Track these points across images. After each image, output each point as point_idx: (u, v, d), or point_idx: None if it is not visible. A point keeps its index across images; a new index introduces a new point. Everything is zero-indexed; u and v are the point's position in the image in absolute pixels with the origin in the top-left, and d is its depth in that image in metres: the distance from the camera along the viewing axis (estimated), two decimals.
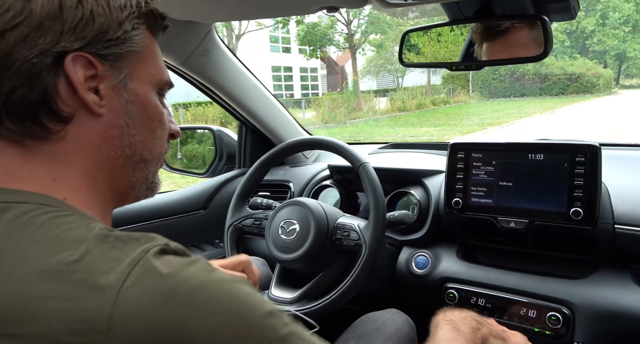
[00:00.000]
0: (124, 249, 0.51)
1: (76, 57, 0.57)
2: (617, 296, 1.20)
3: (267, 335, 0.52)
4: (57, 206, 0.56)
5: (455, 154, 1.40)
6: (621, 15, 34.65)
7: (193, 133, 2.20)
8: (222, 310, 0.50)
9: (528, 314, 1.28)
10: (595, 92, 28.50)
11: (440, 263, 1.46)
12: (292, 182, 1.79)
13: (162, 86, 0.71)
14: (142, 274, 0.49)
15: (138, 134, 0.66)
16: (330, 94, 26.05)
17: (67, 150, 0.60)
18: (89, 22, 0.58)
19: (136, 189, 0.70)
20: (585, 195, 1.21)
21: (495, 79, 30.54)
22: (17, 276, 0.48)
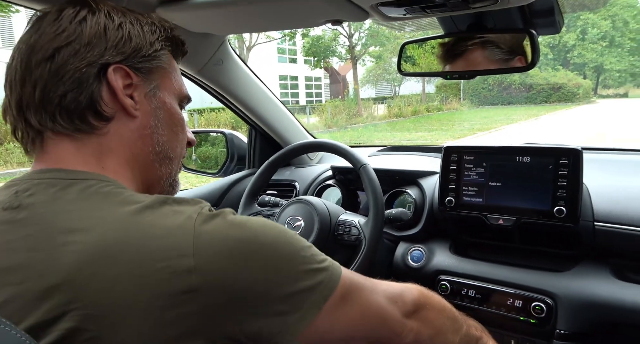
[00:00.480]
0: (183, 205, 0.60)
1: (116, 69, 0.66)
2: (596, 288, 1.20)
3: (302, 245, 0.65)
4: (115, 184, 0.64)
5: (449, 157, 1.40)
6: (599, 31, 34.97)
7: (206, 136, 2.20)
8: (273, 233, 0.62)
9: (514, 304, 1.28)
10: (576, 101, 28.64)
11: (434, 257, 1.46)
12: (297, 181, 1.79)
13: (182, 99, 0.79)
14: (208, 217, 0.59)
15: (165, 134, 0.73)
16: (333, 101, 26.12)
17: (110, 144, 0.68)
18: (127, 41, 0.67)
19: (161, 184, 0.76)
20: (568, 195, 1.21)
21: (484, 88, 30.59)
22: (105, 223, 0.55)
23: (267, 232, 0.61)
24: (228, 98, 1.58)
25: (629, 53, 36.26)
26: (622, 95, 36.30)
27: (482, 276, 1.35)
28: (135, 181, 0.71)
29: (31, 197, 0.59)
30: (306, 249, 0.64)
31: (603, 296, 1.18)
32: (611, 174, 1.42)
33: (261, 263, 0.58)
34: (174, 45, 0.77)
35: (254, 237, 0.59)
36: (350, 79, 33.03)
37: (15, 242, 0.56)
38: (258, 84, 1.63)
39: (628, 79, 38.13)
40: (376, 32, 25.80)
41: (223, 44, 1.41)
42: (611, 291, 1.18)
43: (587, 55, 35.55)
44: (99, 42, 0.65)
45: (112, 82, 0.66)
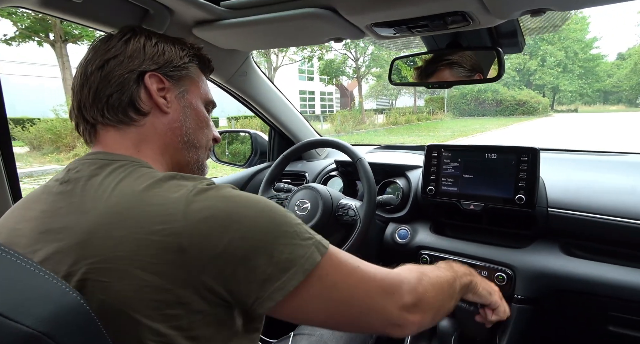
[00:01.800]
0: (188, 181, 0.58)
1: (152, 75, 0.68)
2: (548, 261, 1.17)
3: (289, 220, 0.58)
4: (142, 164, 0.64)
5: (431, 153, 1.36)
6: (555, 59, 35.17)
7: (237, 136, 2.17)
8: (258, 206, 0.57)
9: (481, 274, 1.24)
10: (537, 114, 28.46)
11: (417, 235, 1.42)
12: (307, 172, 1.75)
13: (208, 103, 0.78)
14: (202, 190, 0.56)
15: (191, 127, 0.73)
16: (342, 112, 26.05)
17: (146, 133, 0.68)
18: (161, 55, 0.69)
19: (190, 167, 0.75)
20: (527, 185, 1.17)
21: (463, 103, 30.40)
22: (121, 194, 0.56)
23: (252, 206, 0.57)
24: (251, 103, 1.55)
25: (578, 77, 36.37)
26: (573, 110, 36.12)
27: (455, 251, 1.31)
28: (166, 163, 0.71)
29: (77, 173, 0.62)
30: (291, 225, 0.58)
31: (553, 268, 1.15)
32: (563, 170, 1.37)
33: (241, 232, 0.54)
34: (201, 61, 0.78)
35: (236, 209, 0.55)
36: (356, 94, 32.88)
37: (64, 209, 0.58)
38: (276, 92, 1.60)
39: (577, 98, 38.26)
40: (377, 56, 25.65)
41: (247, 59, 1.37)
42: (559, 264, 1.15)
43: (546, 78, 35.50)
44: (139, 55, 0.67)
45: (147, 85, 0.67)
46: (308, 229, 0.60)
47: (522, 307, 1.18)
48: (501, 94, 29.48)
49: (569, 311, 1.20)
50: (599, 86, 38.54)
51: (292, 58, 22.10)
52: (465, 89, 31.47)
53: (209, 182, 0.59)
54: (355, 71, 26.54)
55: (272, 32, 1.08)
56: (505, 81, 34.63)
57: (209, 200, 0.55)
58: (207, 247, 0.52)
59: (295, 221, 0.60)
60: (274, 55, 20.49)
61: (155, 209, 0.54)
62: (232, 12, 1.03)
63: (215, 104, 0.81)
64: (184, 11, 1.02)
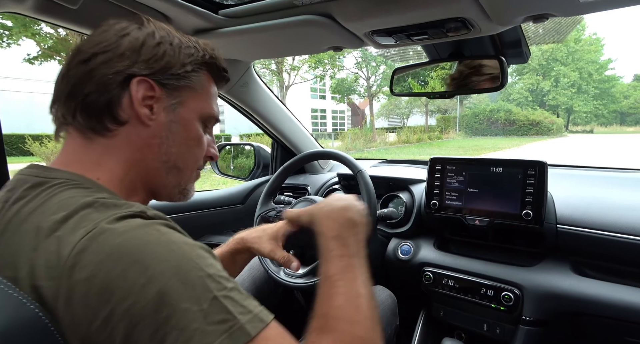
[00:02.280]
0: (103, 213, 0.49)
1: (141, 81, 0.58)
2: (558, 281, 1.11)
3: (197, 293, 0.44)
4: (81, 182, 0.55)
5: (434, 166, 1.32)
6: (569, 80, 34.92)
7: (242, 150, 2.17)
8: (159, 264, 0.44)
9: (487, 293, 1.18)
10: (551, 135, 28.19)
11: (420, 251, 1.37)
12: (309, 186, 1.73)
13: (207, 119, 0.67)
14: (100, 230, 0.46)
15: (175, 146, 0.63)
16: (353, 130, 26.17)
17: (116, 145, 0.59)
18: (159, 59, 0.59)
19: (168, 190, 0.66)
20: (534, 200, 1.13)
21: (476, 122, 30.28)
22: (23, 230, 0.49)
23: (154, 263, 0.45)
24: (252, 114, 1.54)
25: (593, 98, 36.11)
26: (589, 131, 35.74)
27: (460, 268, 1.26)
28: (130, 182, 0.61)
29: (8, 192, 0.55)
30: (199, 300, 0.44)
31: (563, 289, 1.09)
32: (573, 186, 1.32)
33: (126, 302, 0.43)
34: (212, 69, 0.67)
35: (127, 265, 0.44)
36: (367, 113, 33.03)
37: None
38: (277, 104, 1.59)
39: (593, 119, 37.93)
40: (389, 75, 25.73)
41: (248, 70, 1.37)
42: (570, 285, 1.08)
43: (560, 99, 35.30)
44: (131, 55, 0.58)
45: (132, 91, 0.58)
46: (233, 303, 0.46)
47: (530, 329, 1.12)
48: (514, 114, 29.32)
49: (581, 336, 1.14)
50: (615, 107, 38.15)
51: (304, 77, 22.35)
52: (477, 108, 31.44)
53: (127, 213, 0.49)
54: (366, 90, 26.73)
55: (271, 41, 1.07)
56: (518, 101, 34.52)
57: (100, 247, 0.45)
58: (83, 318, 0.43)
59: (213, 292, 0.45)
60: (286, 74, 20.77)
61: (44, 255, 0.45)
62: (231, 21, 1.02)
63: (218, 119, 0.71)
64: (182, 19, 1.02)
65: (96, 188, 0.55)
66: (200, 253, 0.48)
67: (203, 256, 0.48)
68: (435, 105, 33.12)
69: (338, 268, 0.64)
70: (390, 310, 1.19)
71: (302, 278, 1.23)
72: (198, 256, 0.48)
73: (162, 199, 0.67)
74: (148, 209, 0.53)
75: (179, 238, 0.49)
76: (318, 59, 20.47)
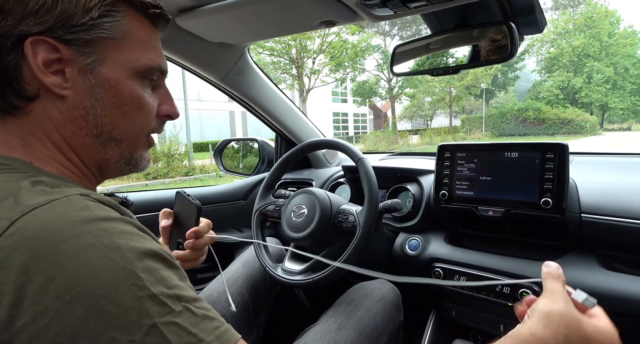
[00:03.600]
0: (37, 198, 0.41)
1: (36, 41, 0.47)
2: (583, 276, 0.99)
3: (130, 318, 0.37)
4: (14, 165, 0.47)
5: (443, 154, 1.23)
6: (603, 76, 33.63)
7: (251, 148, 2.12)
8: (91, 279, 0.37)
9: (503, 290, 1.08)
10: (584, 133, 27.25)
11: (430, 246, 1.28)
12: (314, 180, 1.66)
13: (146, 72, 0.55)
14: (24, 222, 0.38)
15: (106, 115, 0.52)
16: (375, 133, 26.06)
17: (34, 124, 0.50)
18: (51, 8, 0.46)
19: (112, 165, 0.56)
20: (554, 187, 1.02)
21: (503, 122, 29.56)
22: None
23: (79, 262, 0.37)
24: (250, 104, 1.48)
25: (630, 94, 34.69)
26: (626, 129, 34.40)
27: (473, 264, 1.16)
28: (74, 164, 0.53)
29: None
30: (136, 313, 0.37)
31: (589, 285, 0.97)
32: (599, 173, 1.21)
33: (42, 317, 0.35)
34: (133, 5, 0.53)
35: (44, 264, 0.37)
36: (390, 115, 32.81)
37: None
38: (277, 93, 1.52)
39: (630, 116, 36.46)
40: (410, 76, 25.60)
41: (243, 55, 1.31)
42: (598, 280, 0.97)
43: (593, 96, 34.09)
44: (14, 8, 0.45)
45: (28, 56, 0.47)
46: (179, 332, 0.38)
47: None
48: (544, 112, 28.46)
49: None
50: None
51: (324, 80, 22.36)
52: (504, 108, 30.69)
53: (60, 198, 0.41)
54: (388, 92, 26.56)
55: (259, 19, 1.02)
56: (548, 99, 33.53)
57: (12, 239, 0.37)
58: None
59: (152, 318, 0.38)
60: (306, 78, 20.83)
61: None
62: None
63: (164, 69, 0.58)
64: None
65: (33, 172, 0.47)
66: (147, 265, 0.40)
67: (151, 267, 0.40)
68: (460, 106, 32.59)
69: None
70: (394, 305, 1.11)
71: (301, 274, 1.16)
72: (144, 269, 0.39)
73: (111, 176, 0.59)
74: (91, 192, 0.45)
75: (125, 242, 0.40)
76: (339, 61, 20.46)
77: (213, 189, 1.66)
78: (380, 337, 1.03)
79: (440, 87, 28.21)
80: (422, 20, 1.00)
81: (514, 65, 33.77)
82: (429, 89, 27.92)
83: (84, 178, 0.55)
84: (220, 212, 1.61)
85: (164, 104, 0.60)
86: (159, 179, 10.23)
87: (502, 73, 33.72)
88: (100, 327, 0.35)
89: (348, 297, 1.11)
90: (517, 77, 35.05)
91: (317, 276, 1.12)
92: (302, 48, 19.17)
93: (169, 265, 0.43)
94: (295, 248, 1.28)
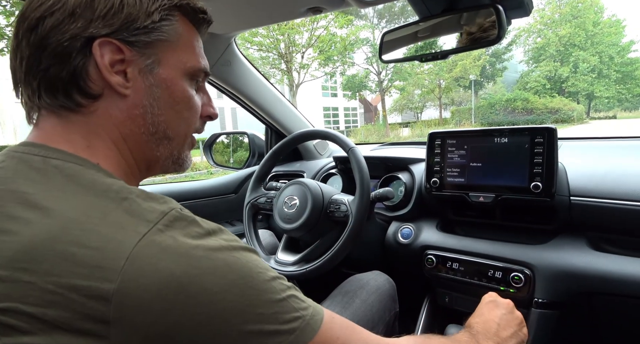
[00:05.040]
0: (144, 207, 0.44)
1: (103, 43, 0.49)
2: (573, 258, 1.01)
3: (269, 296, 0.45)
4: (87, 166, 0.48)
5: (434, 141, 1.24)
6: (588, 65, 33.88)
7: (241, 143, 2.11)
8: (229, 274, 0.43)
9: (495, 275, 1.09)
10: (571, 122, 27.50)
11: (422, 234, 1.28)
12: (305, 172, 1.65)
13: (194, 73, 0.58)
14: (159, 233, 0.42)
15: (162, 114, 0.55)
16: (365, 126, 26.08)
17: (97, 123, 0.52)
18: (117, 11, 0.49)
19: (161, 163, 0.59)
20: (543, 171, 1.03)
21: (492, 113, 29.69)
22: (44, 216, 0.41)
23: (221, 273, 0.43)
24: (238, 96, 1.47)
25: (615, 83, 35.04)
26: (612, 117, 34.79)
27: (465, 250, 1.17)
28: (126, 162, 0.55)
29: (1, 170, 0.46)
30: (270, 304, 0.45)
31: (579, 266, 0.99)
32: (588, 156, 1.22)
33: (195, 311, 0.40)
34: (186, 13, 0.56)
35: (197, 276, 0.41)
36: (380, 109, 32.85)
37: None
38: (266, 84, 1.51)
39: (615, 104, 36.83)
40: (400, 69, 25.65)
41: (230, 47, 1.30)
42: (587, 262, 0.98)
43: (579, 85, 34.35)
44: (84, 12, 0.48)
45: (96, 57, 0.49)
46: (298, 302, 0.48)
47: (544, 312, 1.02)
48: (531, 102, 28.65)
49: (601, 318, 1.03)
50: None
51: (314, 74, 22.26)
52: (493, 99, 30.84)
53: (172, 217, 0.44)
54: (378, 85, 26.55)
55: (244, 7, 1.01)
56: (535, 90, 33.73)
57: (163, 254, 0.40)
58: (142, 323, 0.38)
59: (281, 293, 0.46)
60: (295, 72, 20.72)
61: (84, 253, 0.39)
62: None
63: (208, 71, 0.62)
64: None
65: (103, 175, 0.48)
66: (251, 258, 0.48)
67: (276, 288, 0.47)
68: (449, 98, 32.68)
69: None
70: (389, 296, 1.11)
71: (294, 265, 1.16)
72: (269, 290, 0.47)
73: (156, 173, 0.61)
74: (177, 204, 0.48)
75: (246, 258, 0.47)
76: (328, 55, 20.38)
77: (204, 183, 1.65)
78: (376, 328, 1.03)
79: (429, 79, 28.24)
80: (410, 12, 0.99)
81: (502, 56, 33.95)
82: (419, 82, 27.94)
83: (131, 176, 0.56)
84: (212, 206, 1.60)
85: (206, 105, 0.63)
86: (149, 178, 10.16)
87: (490, 64, 33.85)
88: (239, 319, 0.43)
89: (343, 289, 1.11)
90: (505, 68, 35.22)
91: (310, 266, 1.12)
92: (290, 42, 19.04)
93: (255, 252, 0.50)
94: (288, 240, 1.28)
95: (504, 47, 33.50)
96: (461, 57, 26.53)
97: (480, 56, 27.54)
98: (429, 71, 27.13)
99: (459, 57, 26.54)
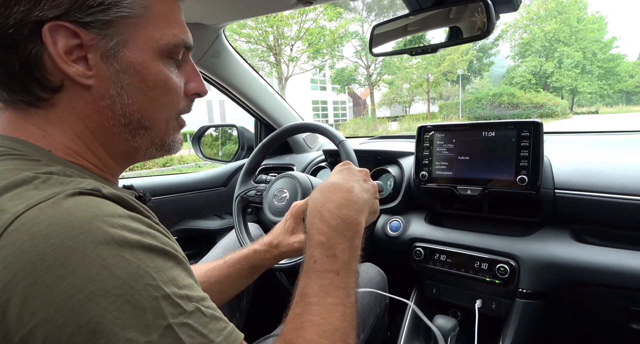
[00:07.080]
0: (43, 190, 0.38)
1: (54, 27, 0.42)
2: (556, 250, 1.03)
3: (147, 320, 0.35)
4: (28, 152, 0.43)
5: (422, 135, 1.24)
6: (572, 61, 34.30)
7: (230, 136, 2.09)
8: (105, 278, 0.34)
9: (481, 267, 1.10)
10: (555, 117, 27.87)
11: (410, 226, 1.29)
12: (295, 165, 1.65)
13: (171, 50, 0.50)
14: (32, 215, 0.35)
15: (134, 103, 0.48)
16: (354, 120, 26.12)
17: (58, 116, 0.46)
18: None
19: (142, 152, 0.53)
20: (529, 164, 1.05)
21: (478, 107, 29.97)
22: None
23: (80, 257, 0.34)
24: (227, 88, 1.45)
25: (597, 78, 35.57)
26: (594, 112, 35.32)
27: (452, 242, 1.18)
28: (97, 156, 0.49)
29: None
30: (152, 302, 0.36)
31: (562, 257, 1.01)
32: (572, 150, 1.24)
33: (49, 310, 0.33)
34: None
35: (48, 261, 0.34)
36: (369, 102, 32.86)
37: None
38: (255, 76, 1.49)
39: (598, 99, 37.40)
40: (389, 63, 25.66)
41: (219, 38, 1.28)
42: (570, 253, 1.00)
43: (564, 80, 34.77)
44: None
45: (48, 45, 0.42)
46: (192, 332, 0.37)
47: (528, 303, 1.04)
48: (517, 97, 29.00)
49: (583, 307, 1.05)
50: (621, 87, 37.55)
51: (303, 68, 22.15)
52: (480, 93, 31.10)
53: (74, 191, 0.38)
54: (367, 79, 26.54)
55: None
56: (521, 85, 34.06)
57: (17, 235, 0.34)
58: (10, 324, 0.32)
59: (167, 319, 0.36)
60: (284, 65, 20.59)
61: None
62: None
63: (189, 44, 0.52)
64: None
65: (47, 160, 0.43)
66: (158, 264, 0.38)
67: (162, 267, 0.38)
68: (437, 92, 32.83)
69: (317, 287, 0.52)
70: (380, 288, 1.11)
71: None
72: (157, 268, 0.37)
73: (141, 161, 0.56)
74: (104, 186, 0.41)
75: (137, 241, 0.38)
76: (317, 48, 20.28)
77: (193, 176, 1.63)
78: (367, 320, 1.03)
79: (418, 74, 28.32)
80: (399, 6, 0.99)
81: (489, 51, 34.16)
82: (407, 76, 28.00)
83: (106, 170, 0.51)
84: (201, 199, 1.59)
85: (191, 81, 0.55)
86: (136, 171, 10.05)
87: (478, 59, 34.05)
88: (117, 328, 0.33)
89: None
90: (491, 62, 35.48)
91: (299, 258, 1.11)
92: (279, 35, 18.91)
93: (177, 262, 0.41)
94: None
95: (491, 42, 33.73)
96: (449, 52, 26.63)
97: (468, 51, 27.66)
98: (417, 65, 27.18)
99: (447, 52, 26.65)
